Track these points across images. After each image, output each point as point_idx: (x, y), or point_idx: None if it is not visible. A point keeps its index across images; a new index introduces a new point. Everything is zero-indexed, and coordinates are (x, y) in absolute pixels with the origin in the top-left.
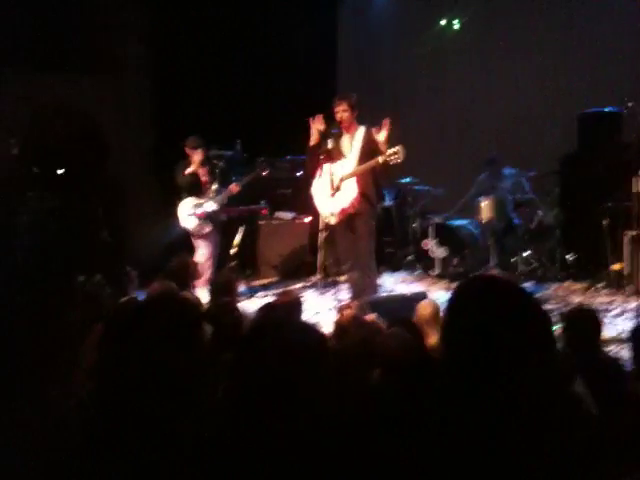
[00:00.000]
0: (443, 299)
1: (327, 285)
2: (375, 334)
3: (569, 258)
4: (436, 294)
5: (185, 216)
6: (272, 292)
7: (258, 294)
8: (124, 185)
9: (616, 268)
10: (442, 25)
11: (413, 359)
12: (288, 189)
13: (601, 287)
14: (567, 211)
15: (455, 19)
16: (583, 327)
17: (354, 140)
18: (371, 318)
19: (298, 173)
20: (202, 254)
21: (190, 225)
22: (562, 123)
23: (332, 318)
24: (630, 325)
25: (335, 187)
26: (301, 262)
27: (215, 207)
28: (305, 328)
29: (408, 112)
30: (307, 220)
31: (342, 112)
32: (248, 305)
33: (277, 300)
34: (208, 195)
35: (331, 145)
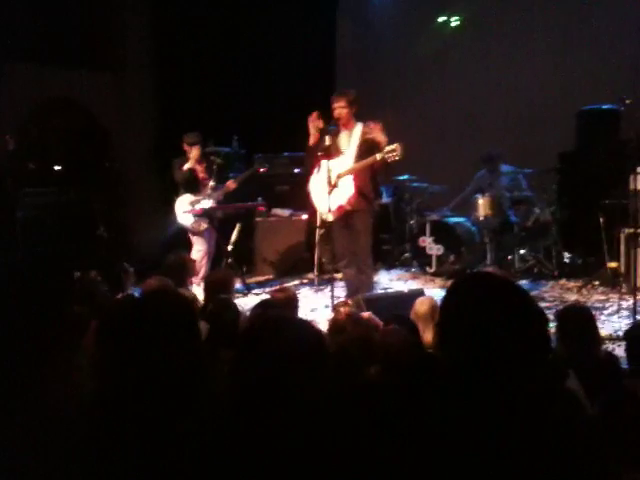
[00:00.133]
0: (439, 296)
1: (323, 282)
2: (371, 331)
3: (566, 258)
4: (432, 291)
5: (182, 213)
6: (268, 289)
7: (254, 291)
8: (123, 181)
9: (612, 266)
10: (441, 23)
11: (410, 356)
12: (285, 186)
13: (597, 285)
14: (564, 209)
15: (454, 17)
16: (577, 325)
17: (352, 137)
18: (367, 315)
19: (295, 170)
20: (198, 251)
21: (187, 222)
22: (560, 120)
23: (328, 315)
24: (626, 323)
25: (332, 184)
26: (298, 259)
27: (212, 204)
28: (302, 325)
29: (406, 109)
30: (304, 217)
31: (340, 109)
32: (244, 302)
33: (273, 297)
34: (205, 192)
35: (329, 142)
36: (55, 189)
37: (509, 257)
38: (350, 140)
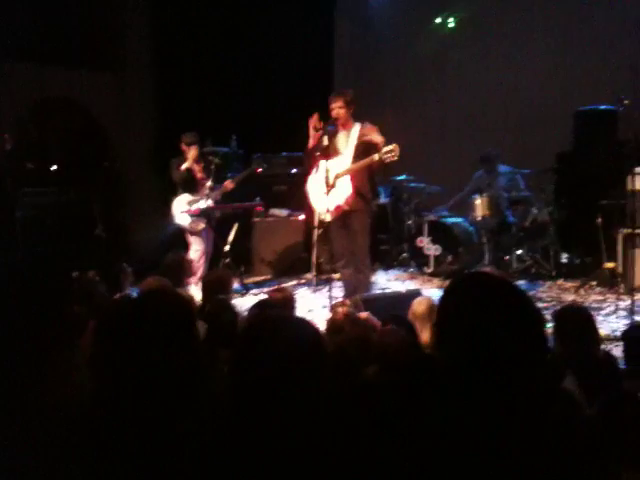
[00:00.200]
0: (437, 296)
1: (321, 282)
2: (369, 331)
3: (563, 259)
4: (430, 291)
5: (179, 212)
6: (266, 289)
7: (252, 291)
8: (122, 181)
9: (609, 266)
10: (439, 23)
11: (408, 356)
12: (283, 186)
13: (594, 285)
14: (562, 209)
15: (451, 17)
16: (574, 325)
17: (350, 137)
18: (365, 315)
19: (293, 170)
20: (196, 251)
21: (184, 222)
22: (558, 121)
23: (326, 315)
24: (623, 323)
25: (330, 184)
26: (295, 259)
27: (209, 204)
28: (300, 324)
29: (405, 110)
30: (301, 217)
31: (338, 109)
32: (242, 302)
33: (270, 297)
34: (203, 191)
35: (327, 142)
36: (54, 189)
37: (507, 257)
38: (348, 140)
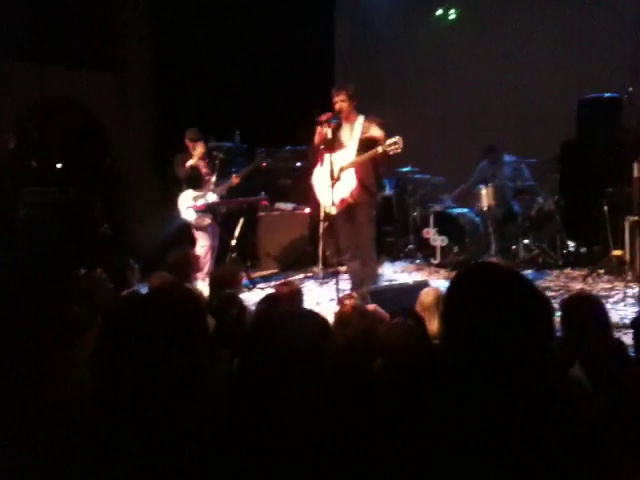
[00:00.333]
0: (444, 287)
1: (328, 275)
2: (377, 324)
3: (570, 247)
4: (437, 282)
5: (185, 208)
6: (272, 283)
7: (258, 285)
8: (125, 178)
9: (617, 254)
10: (438, 16)
11: (415, 349)
12: (288, 180)
13: (602, 273)
14: (567, 198)
15: (451, 9)
16: (582, 313)
17: (353, 130)
18: (372, 307)
19: (298, 164)
20: (202, 246)
21: (190, 217)
22: (562, 109)
23: (333, 308)
24: (631, 311)
25: (335, 177)
26: (301, 253)
27: (215, 199)
28: (308, 317)
29: (407, 102)
30: (307, 211)
31: (341, 102)
32: (249, 297)
33: (278, 291)
34: (208, 187)
35: (330, 135)
36: (56, 188)
37: (513, 247)
38: (352, 133)
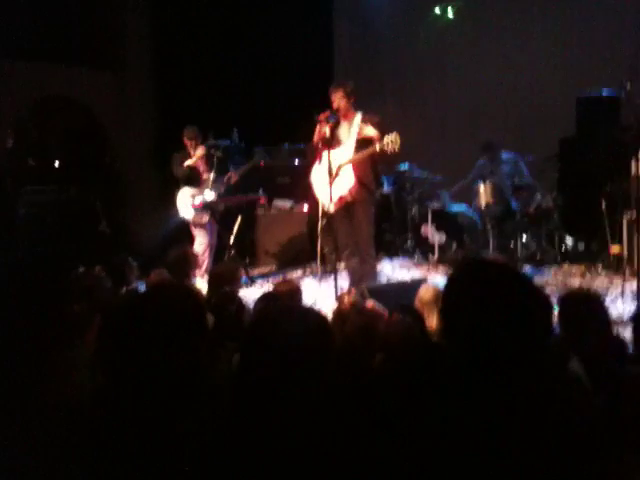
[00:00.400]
0: (442, 284)
1: (326, 273)
2: (376, 321)
3: (568, 244)
4: (436, 280)
5: (183, 206)
6: (271, 281)
7: (257, 283)
8: (125, 176)
9: (615, 251)
10: (436, 14)
11: (415, 346)
12: (286, 177)
13: (600, 270)
14: (565, 195)
15: (449, 7)
16: (580, 309)
17: (351, 127)
18: (371, 305)
19: (296, 161)
20: (200, 244)
21: (188, 215)
22: (561, 107)
23: (332, 306)
24: (629, 307)
25: (333, 174)
26: (300, 250)
27: (213, 197)
28: (307, 314)
29: (407, 99)
30: (305, 208)
31: (338, 100)
32: (248, 294)
33: (276, 289)
34: (206, 185)
35: (329, 133)
36: (55, 187)
37: (511, 244)
38: (350, 130)
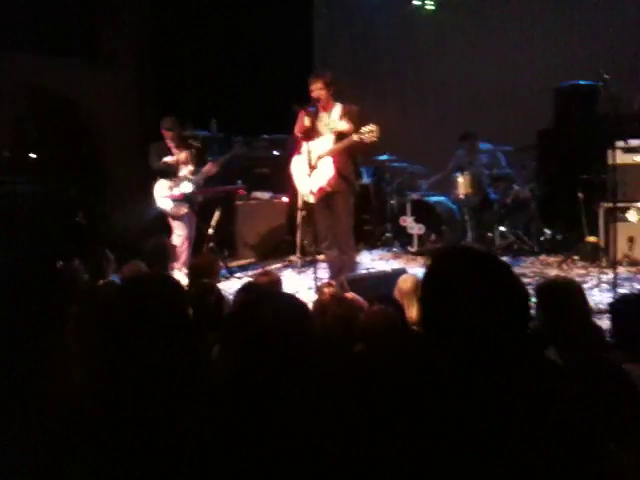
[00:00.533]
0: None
1: (306, 264)
2: (356, 311)
3: (545, 234)
4: (415, 270)
5: (161, 197)
6: (250, 272)
7: (237, 275)
8: (102, 167)
9: (591, 240)
10: (416, 6)
11: (396, 336)
12: (265, 168)
13: (577, 259)
14: (543, 185)
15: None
16: (557, 298)
17: (331, 118)
18: (351, 295)
19: (275, 152)
20: (179, 235)
21: (166, 206)
22: (538, 97)
23: (312, 297)
24: (606, 296)
25: (312, 166)
26: (279, 242)
27: (191, 188)
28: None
29: (384, 89)
30: (284, 199)
31: (318, 90)
32: (227, 286)
33: (256, 281)
34: (184, 176)
35: (308, 123)
36: (30, 177)
37: (489, 234)
38: (329, 121)
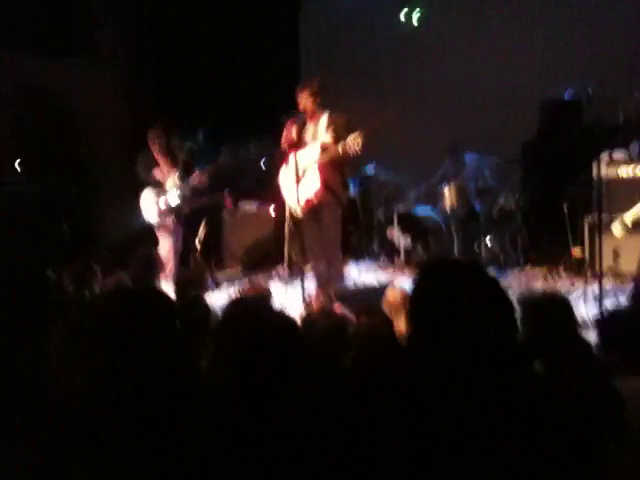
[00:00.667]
0: (409, 287)
1: (293, 276)
2: (343, 323)
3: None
4: (402, 282)
5: (147, 208)
6: (237, 284)
7: (223, 286)
8: (90, 173)
9: (577, 252)
10: (403, 17)
11: (384, 348)
12: (252, 179)
13: (562, 271)
14: (528, 197)
15: (414, 12)
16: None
17: (318, 128)
18: (338, 308)
19: (262, 163)
20: (165, 247)
21: (152, 217)
22: (524, 109)
23: (299, 309)
24: (592, 309)
25: (299, 176)
26: (266, 253)
27: (178, 199)
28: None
29: (371, 99)
30: (272, 210)
31: (305, 100)
32: (214, 297)
33: (245, 293)
34: (171, 186)
35: (295, 135)
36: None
37: (475, 246)
38: (316, 131)
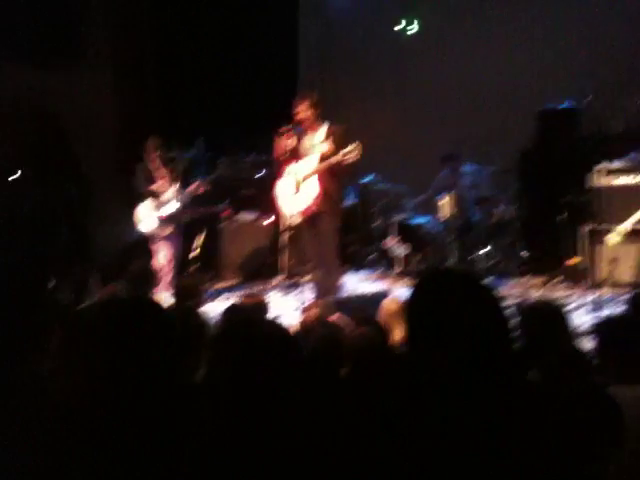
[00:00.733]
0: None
1: (291, 285)
2: (341, 333)
3: (528, 255)
4: (400, 291)
5: (146, 218)
6: (235, 294)
7: (221, 296)
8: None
9: (574, 261)
10: (399, 30)
11: (381, 358)
12: (250, 189)
13: (560, 281)
14: (526, 206)
15: (413, 21)
16: (539, 321)
17: (316, 139)
18: (336, 317)
19: (260, 173)
20: (163, 256)
21: (151, 227)
22: (522, 119)
23: (297, 319)
24: (590, 318)
25: (297, 186)
26: (264, 263)
27: (177, 208)
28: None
29: (369, 109)
30: (269, 221)
31: (304, 111)
32: (211, 308)
33: (242, 303)
34: (169, 196)
35: (294, 144)
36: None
37: (473, 256)
38: (315, 141)
